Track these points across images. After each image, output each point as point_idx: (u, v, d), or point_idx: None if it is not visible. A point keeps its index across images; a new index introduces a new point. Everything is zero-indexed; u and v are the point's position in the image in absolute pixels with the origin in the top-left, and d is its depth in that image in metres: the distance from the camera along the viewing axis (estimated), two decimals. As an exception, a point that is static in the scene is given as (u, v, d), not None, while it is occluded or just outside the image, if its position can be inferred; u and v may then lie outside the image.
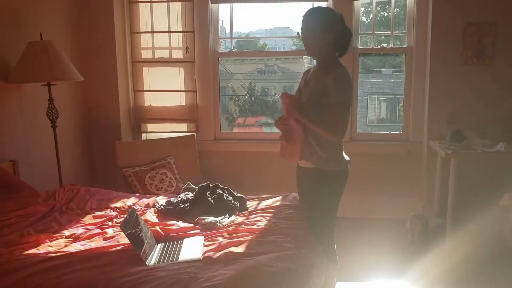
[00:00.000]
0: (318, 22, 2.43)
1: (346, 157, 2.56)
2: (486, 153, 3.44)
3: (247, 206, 2.91)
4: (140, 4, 4.36)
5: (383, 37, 4.61)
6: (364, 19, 4.78)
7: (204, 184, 3.02)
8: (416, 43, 4.12)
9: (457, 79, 3.92)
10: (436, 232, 3.66)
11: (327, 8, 2.55)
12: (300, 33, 2.48)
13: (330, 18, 2.44)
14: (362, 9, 4.38)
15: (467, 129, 3.73)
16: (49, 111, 3.44)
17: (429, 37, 3.97)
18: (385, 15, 5.33)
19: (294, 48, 6.23)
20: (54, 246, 2.32)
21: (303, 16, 2.47)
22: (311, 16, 2.46)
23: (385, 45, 4.35)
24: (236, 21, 4.49)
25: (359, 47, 4.28)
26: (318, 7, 2.52)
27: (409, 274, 3.19)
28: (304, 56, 5.25)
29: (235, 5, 4.41)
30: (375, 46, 4.36)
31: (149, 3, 4.36)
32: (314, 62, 2.62)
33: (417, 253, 3.52)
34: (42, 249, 2.28)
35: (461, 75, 3.91)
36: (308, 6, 4.19)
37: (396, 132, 4.59)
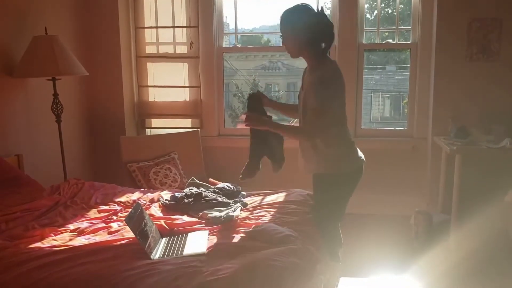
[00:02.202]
0: (290, 25, 2.35)
1: (359, 158, 2.50)
2: (491, 149, 3.42)
3: (250, 201, 2.92)
4: (144, -1, 4.36)
5: (387, 33, 4.60)
6: (369, 15, 4.77)
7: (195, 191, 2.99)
8: (421, 39, 4.10)
9: (462, 75, 3.91)
10: (440, 228, 3.65)
11: (300, 6, 2.38)
12: (280, 36, 2.43)
13: (302, 17, 2.33)
14: (367, 5, 4.36)
15: (472, 125, 3.72)
16: (54, 106, 3.44)
17: (434, 33, 3.96)
18: (389, 11, 5.32)
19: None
20: (59, 240, 2.33)
21: (279, 19, 2.38)
22: (285, 18, 2.36)
23: (390, 41, 4.34)
24: (240, 17, 4.49)
25: (364, 42, 4.27)
26: (290, 9, 2.38)
27: (413, 270, 3.18)
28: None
29: (239, 0, 4.40)
30: (379, 42, 4.34)
31: (153, -2, 4.36)
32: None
33: (421, 249, 3.51)
34: (47, 243, 2.28)
35: (466, 71, 3.89)
36: (311, 2, 4.18)
37: (400, 129, 4.57)
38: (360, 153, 2.53)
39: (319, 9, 2.36)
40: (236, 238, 2.30)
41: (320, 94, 2.27)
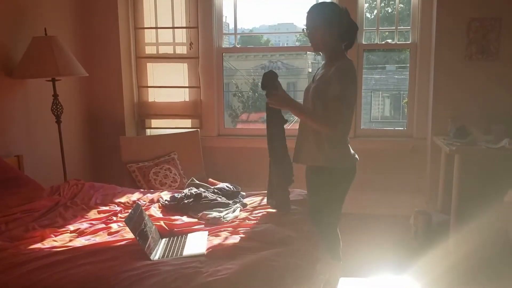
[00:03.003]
0: (322, 17, 2.43)
1: (354, 155, 2.55)
2: (490, 149, 3.43)
3: (250, 202, 2.92)
4: (144, -1, 4.36)
5: (387, 33, 4.60)
6: (368, 15, 4.77)
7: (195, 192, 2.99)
8: (421, 39, 4.10)
9: (461, 75, 3.91)
10: (439, 228, 3.66)
11: (331, 3, 2.54)
12: (305, 29, 2.48)
13: (334, 13, 2.44)
14: (366, 5, 4.36)
15: (471, 125, 3.72)
16: (54, 107, 3.45)
17: (434, 33, 3.96)
18: (389, 10, 5.32)
19: (298, 44, 6.22)
20: (59, 240, 2.33)
21: (307, 13, 2.47)
22: (315, 12, 2.45)
23: (389, 41, 4.34)
24: (240, 17, 4.49)
25: (364, 42, 4.27)
26: (322, 3, 2.52)
27: (413, 270, 3.19)
28: (308, 52, 5.25)
29: (239, 0, 4.40)
30: (379, 42, 4.35)
31: (153, -1, 4.36)
32: (318, 58, 2.62)
33: (420, 249, 3.52)
34: (47, 243, 2.29)
35: (466, 71, 3.90)
36: (312, 1, 4.18)
37: (399, 129, 4.58)
38: (353, 151, 2.56)
39: (345, 9, 2.48)
40: (236, 238, 2.30)
41: (342, 82, 2.34)
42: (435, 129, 4.01)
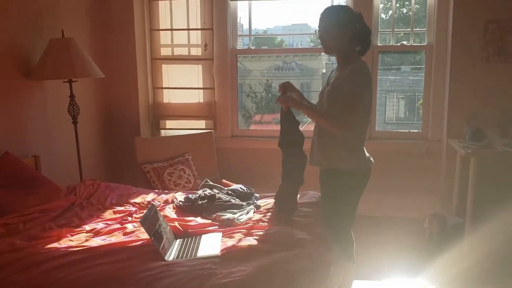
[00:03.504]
0: (335, 20, 2.43)
1: (368, 158, 2.55)
2: (506, 152, 3.39)
3: (263, 204, 2.93)
4: (159, 1, 4.39)
5: (402, 34, 4.57)
6: (383, 16, 4.74)
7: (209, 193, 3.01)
8: (437, 41, 4.07)
9: (477, 77, 3.87)
10: (454, 232, 3.63)
11: (344, 6, 2.55)
12: (317, 32, 2.49)
13: (347, 16, 2.44)
14: (381, 5, 4.34)
15: (488, 128, 3.68)
16: (70, 108, 3.49)
17: (450, 35, 3.93)
18: (404, 11, 5.28)
19: (312, 45, 6.21)
20: (75, 240, 2.37)
21: (320, 15, 2.47)
22: (328, 15, 2.45)
23: (405, 42, 4.32)
24: (254, 18, 4.50)
25: (379, 44, 4.25)
26: (334, 6, 2.52)
27: (427, 274, 3.17)
28: (322, 53, 5.23)
29: (253, 1, 4.42)
30: (394, 43, 4.32)
31: (168, 1, 4.39)
32: (333, 59, 2.63)
33: (435, 252, 3.49)
34: (64, 243, 2.32)
35: (482, 73, 3.86)
36: (326, 3, 4.18)
37: (415, 131, 4.54)
38: (368, 154, 2.56)
39: (359, 13, 2.47)
40: (249, 240, 2.31)
41: (356, 84, 2.34)
42: (451, 131, 3.97)
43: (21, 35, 3.30)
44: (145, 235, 2.29)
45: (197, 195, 2.93)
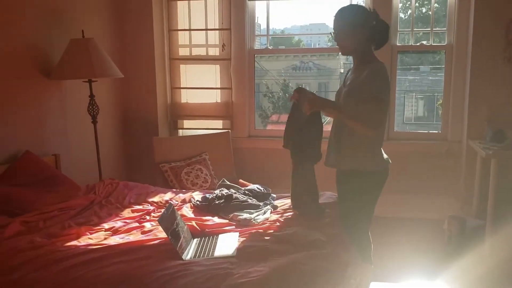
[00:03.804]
0: (349, 21, 2.40)
1: (386, 159, 2.52)
2: (529, 154, 3.33)
3: (280, 204, 2.92)
4: (178, 1, 4.42)
5: (421, 33, 4.52)
6: (402, 15, 4.69)
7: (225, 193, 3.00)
8: (457, 40, 4.01)
9: (499, 77, 3.80)
10: (474, 234, 3.57)
11: (357, 6, 2.52)
12: (332, 33, 2.46)
13: (362, 15, 2.40)
14: (400, 5, 4.29)
15: (509, 128, 3.62)
16: (90, 107, 3.53)
17: (471, 34, 3.87)
18: (423, 11, 5.22)
19: (329, 44, 6.18)
20: (94, 238, 2.39)
21: (334, 16, 2.44)
22: (342, 16, 2.42)
23: (424, 42, 4.27)
24: (271, 17, 4.49)
25: (398, 44, 4.21)
26: (348, 6, 2.49)
27: (446, 276, 3.13)
28: (340, 53, 5.20)
29: (271, 1, 4.41)
30: (413, 43, 4.27)
31: (187, 1, 4.41)
32: (351, 58, 2.60)
33: (454, 255, 3.44)
34: (83, 241, 2.35)
35: (504, 73, 3.79)
36: (344, 2, 4.15)
37: (434, 132, 4.48)
38: (385, 155, 2.53)
39: (373, 11, 2.43)
40: (266, 241, 2.30)
41: (374, 85, 2.32)
42: (471, 132, 3.91)
43: (42, 35, 3.35)
44: (162, 234, 2.31)
45: (214, 195, 2.93)
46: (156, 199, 3.08)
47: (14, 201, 2.69)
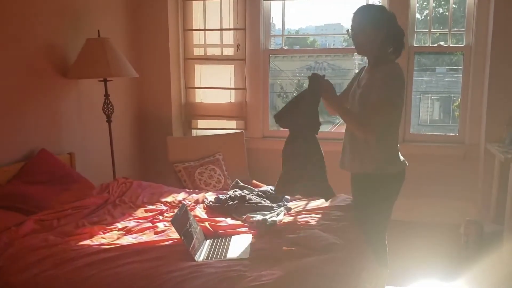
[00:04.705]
0: (369, 20, 2.37)
1: (402, 160, 2.48)
2: (549, 158, 3.25)
3: (294, 206, 2.90)
4: (193, 1, 4.42)
5: (438, 34, 4.45)
6: (418, 16, 4.62)
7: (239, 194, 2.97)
8: (476, 41, 3.94)
9: (519, 80, 3.73)
10: (492, 239, 3.50)
11: (379, 6, 2.49)
12: (349, 30, 2.43)
13: (382, 16, 2.37)
14: (417, 5, 4.23)
15: (529, 132, 3.55)
16: (105, 106, 3.55)
17: (490, 35, 3.80)
18: (440, 11, 5.14)
19: (344, 45, 6.12)
20: (107, 238, 2.40)
21: (354, 14, 2.41)
22: (362, 14, 2.39)
23: (442, 43, 4.20)
24: (287, 17, 4.46)
25: (415, 45, 4.15)
26: (369, 5, 2.47)
27: (462, 281, 3.07)
28: (355, 54, 5.15)
29: (286, 2, 4.38)
30: (430, 44, 4.21)
31: (202, 1, 4.40)
32: (366, 59, 2.56)
33: (471, 259, 3.38)
34: (96, 240, 2.35)
35: (524, 75, 3.72)
36: (360, 2, 4.10)
37: (451, 134, 4.41)
38: (402, 157, 2.49)
39: (392, 14, 2.41)
40: (280, 243, 2.28)
41: (389, 86, 2.29)
42: (489, 135, 3.84)
43: (59, 35, 3.37)
44: (175, 235, 2.30)
45: (228, 196, 2.92)
46: (169, 199, 3.08)
47: (29, 199, 2.71)
